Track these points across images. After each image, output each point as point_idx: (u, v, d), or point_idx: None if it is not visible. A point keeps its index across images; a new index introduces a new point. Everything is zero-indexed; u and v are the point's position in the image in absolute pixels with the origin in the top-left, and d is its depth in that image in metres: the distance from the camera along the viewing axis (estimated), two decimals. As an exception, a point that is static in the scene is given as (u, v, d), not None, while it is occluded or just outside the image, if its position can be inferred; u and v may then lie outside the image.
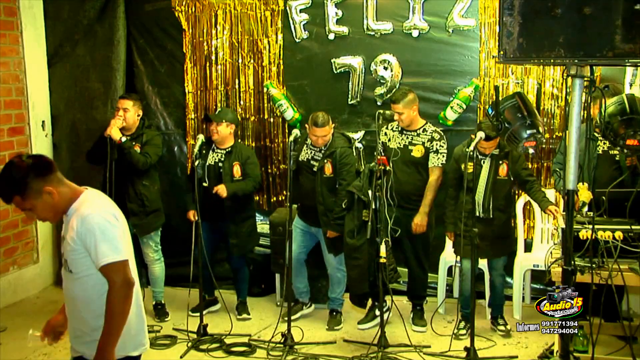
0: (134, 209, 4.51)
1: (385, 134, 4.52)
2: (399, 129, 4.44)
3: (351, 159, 4.44)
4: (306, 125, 4.51)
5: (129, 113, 4.54)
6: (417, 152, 4.36)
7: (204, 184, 4.53)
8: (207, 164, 4.59)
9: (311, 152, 4.51)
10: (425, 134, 4.40)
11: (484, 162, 4.15)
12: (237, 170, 4.61)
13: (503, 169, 4.16)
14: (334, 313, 4.64)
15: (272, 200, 5.42)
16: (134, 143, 4.54)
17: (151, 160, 4.56)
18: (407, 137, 4.42)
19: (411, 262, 4.52)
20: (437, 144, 4.36)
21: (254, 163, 4.70)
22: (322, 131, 4.39)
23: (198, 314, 4.40)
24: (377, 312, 4.44)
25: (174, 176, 5.50)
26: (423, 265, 4.54)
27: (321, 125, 4.37)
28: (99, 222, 2.28)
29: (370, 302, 4.53)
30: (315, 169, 4.46)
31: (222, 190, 4.45)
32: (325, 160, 4.43)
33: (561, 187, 3.42)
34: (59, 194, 2.31)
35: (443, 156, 4.37)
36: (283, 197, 5.33)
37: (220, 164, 4.60)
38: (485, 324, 4.45)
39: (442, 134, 4.44)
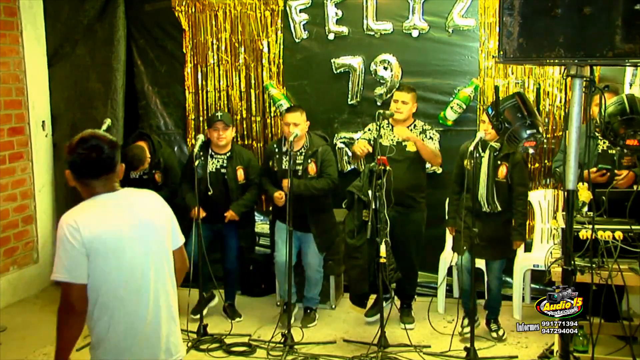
0: None
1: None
2: (390, 126, 4.42)
3: (332, 156, 4.52)
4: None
5: (147, 160, 4.56)
6: (411, 146, 4.36)
7: (209, 193, 4.49)
8: (209, 171, 4.52)
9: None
10: (416, 129, 4.42)
11: (482, 155, 4.12)
12: (240, 174, 4.57)
13: (502, 171, 4.12)
14: (308, 311, 4.68)
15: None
16: (153, 171, 4.61)
17: (177, 185, 4.65)
18: None
19: (402, 261, 4.49)
20: (429, 132, 4.42)
21: (255, 166, 4.69)
22: (292, 117, 4.38)
23: (198, 316, 4.38)
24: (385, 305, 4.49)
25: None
26: (414, 264, 4.52)
27: (292, 111, 4.43)
28: (61, 234, 2.17)
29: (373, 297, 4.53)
30: (300, 172, 4.44)
31: (232, 216, 4.52)
32: (309, 161, 4.43)
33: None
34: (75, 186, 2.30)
35: (437, 141, 4.40)
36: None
37: (223, 170, 4.56)
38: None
39: (432, 126, 4.50)
